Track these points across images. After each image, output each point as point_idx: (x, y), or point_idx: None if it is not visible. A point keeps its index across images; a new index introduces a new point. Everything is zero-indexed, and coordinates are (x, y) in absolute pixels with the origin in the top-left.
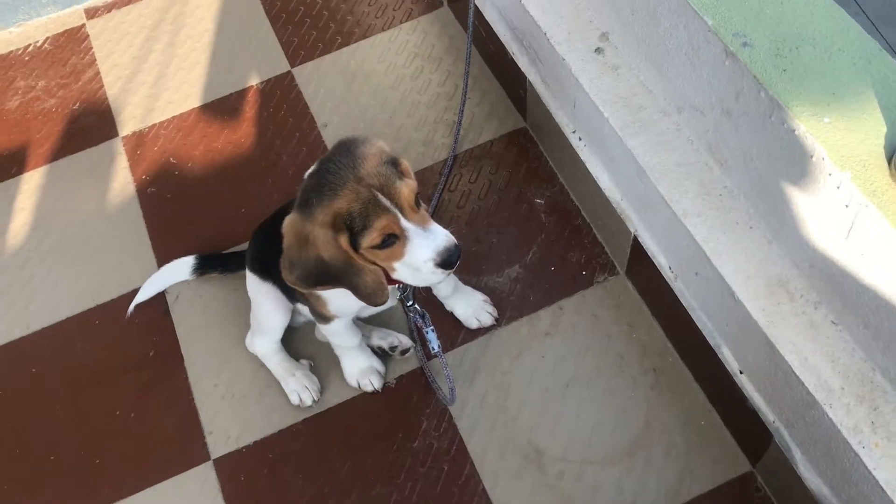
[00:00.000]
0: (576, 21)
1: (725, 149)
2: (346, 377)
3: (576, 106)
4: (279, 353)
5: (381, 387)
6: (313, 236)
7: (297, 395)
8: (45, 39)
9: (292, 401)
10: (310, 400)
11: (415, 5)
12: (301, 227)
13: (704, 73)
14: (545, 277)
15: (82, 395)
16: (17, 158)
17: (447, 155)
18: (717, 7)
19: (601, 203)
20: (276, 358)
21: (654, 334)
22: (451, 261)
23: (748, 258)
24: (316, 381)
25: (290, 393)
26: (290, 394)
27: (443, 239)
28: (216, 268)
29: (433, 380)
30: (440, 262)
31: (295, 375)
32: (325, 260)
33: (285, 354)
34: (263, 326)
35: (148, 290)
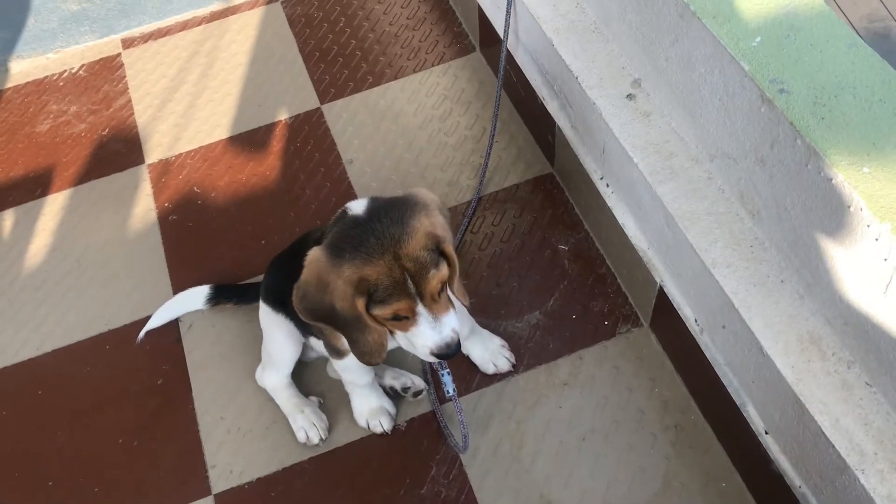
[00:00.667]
0: (608, 67)
1: (758, 199)
2: (356, 416)
3: (605, 151)
4: (289, 389)
5: (391, 429)
6: (334, 286)
7: (304, 433)
8: (81, 66)
9: (299, 438)
10: (317, 438)
11: (447, 49)
12: (325, 272)
13: (739, 120)
14: (566, 325)
15: (86, 420)
16: (43, 180)
17: (471, 196)
18: (755, 53)
19: (627, 252)
20: (285, 393)
21: (677, 390)
22: (446, 355)
23: (779, 313)
24: (324, 419)
25: (297, 430)
26: (297, 430)
27: (447, 334)
28: (231, 298)
29: (445, 425)
30: (437, 354)
31: (304, 412)
32: (337, 309)
33: (295, 390)
34: (274, 359)
35: (160, 317)
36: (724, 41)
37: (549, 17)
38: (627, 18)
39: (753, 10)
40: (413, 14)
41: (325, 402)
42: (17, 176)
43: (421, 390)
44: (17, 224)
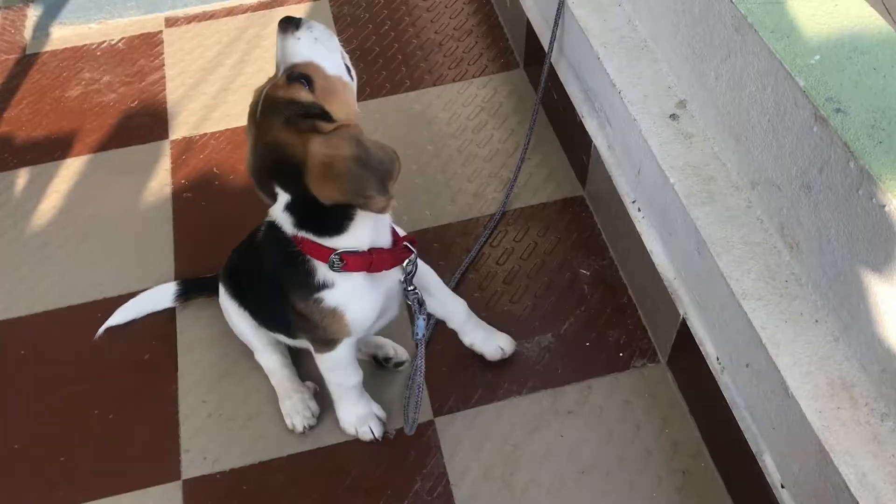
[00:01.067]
0: (654, 85)
1: (799, 229)
2: (343, 425)
3: (640, 172)
4: (285, 369)
5: (382, 435)
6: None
7: (290, 419)
8: (121, 39)
9: (286, 423)
10: (300, 426)
11: (490, 63)
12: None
13: (787, 142)
14: (578, 352)
15: (65, 387)
16: (64, 144)
17: (496, 209)
18: (812, 70)
19: (652, 281)
20: (280, 373)
21: (689, 433)
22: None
23: (809, 354)
24: (314, 408)
25: (284, 414)
26: (284, 415)
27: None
28: (202, 291)
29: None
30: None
31: (292, 397)
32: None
33: (290, 372)
34: (244, 339)
35: (123, 314)
36: (780, 56)
37: (598, 31)
38: (680, 34)
39: (814, 28)
40: (460, 25)
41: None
42: (38, 136)
43: (402, 361)
44: (30, 183)
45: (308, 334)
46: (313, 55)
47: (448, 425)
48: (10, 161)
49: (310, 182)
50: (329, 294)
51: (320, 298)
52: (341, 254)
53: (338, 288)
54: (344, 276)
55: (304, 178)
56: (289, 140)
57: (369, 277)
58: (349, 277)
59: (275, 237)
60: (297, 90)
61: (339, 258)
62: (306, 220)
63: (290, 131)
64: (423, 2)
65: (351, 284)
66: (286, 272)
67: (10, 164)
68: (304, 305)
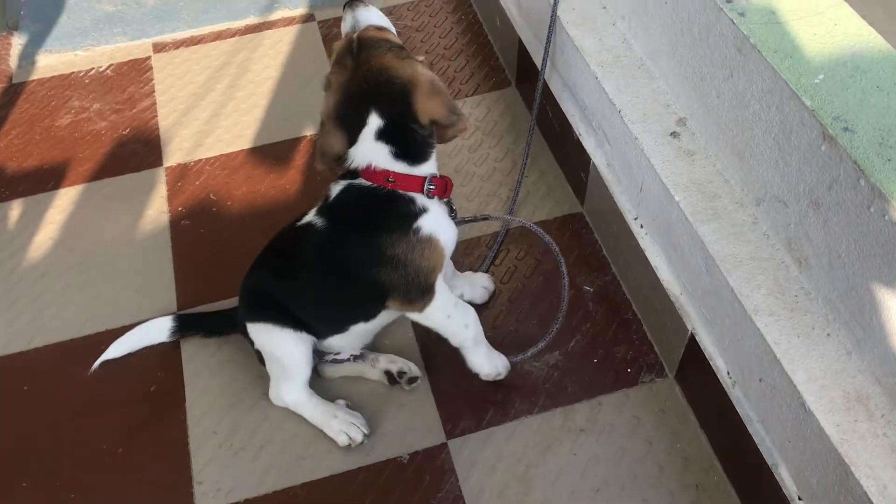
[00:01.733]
0: (652, 103)
1: (808, 245)
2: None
3: (642, 189)
4: (313, 398)
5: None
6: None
7: (345, 436)
8: (109, 66)
9: (341, 442)
10: (360, 436)
11: (482, 82)
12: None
13: (794, 160)
14: (586, 369)
15: (71, 421)
16: (57, 173)
17: (497, 229)
18: (817, 90)
19: (657, 297)
20: (311, 403)
21: (700, 447)
22: None
23: (824, 367)
24: (359, 416)
25: (336, 435)
26: (336, 436)
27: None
28: (199, 329)
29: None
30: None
31: (337, 416)
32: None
33: (319, 398)
34: (287, 368)
35: (118, 348)
36: (785, 75)
37: (594, 51)
38: (678, 53)
39: (816, 48)
40: (451, 45)
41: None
42: (30, 167)
43: (416, 377)
44: (24, 214)
45: (403, 290)
46: (383, 21)
47: (461, 447)
48: (2, 193)
49: (418, 98)
50: (425, 221)
51: (419, 227)
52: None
53: (430, 213)
54: (432, 201)
55: (410, 96)
56: (396, 64)
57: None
58: (434, 203)
59: (352, 198)
60: (386, 33)
61: (431, 182)
62: (402, 150)
63: (395, 57)
64: (413, 22)
65: (436, 209)
66: (383, 218)
67: (3, 195)
68: (405, 244)
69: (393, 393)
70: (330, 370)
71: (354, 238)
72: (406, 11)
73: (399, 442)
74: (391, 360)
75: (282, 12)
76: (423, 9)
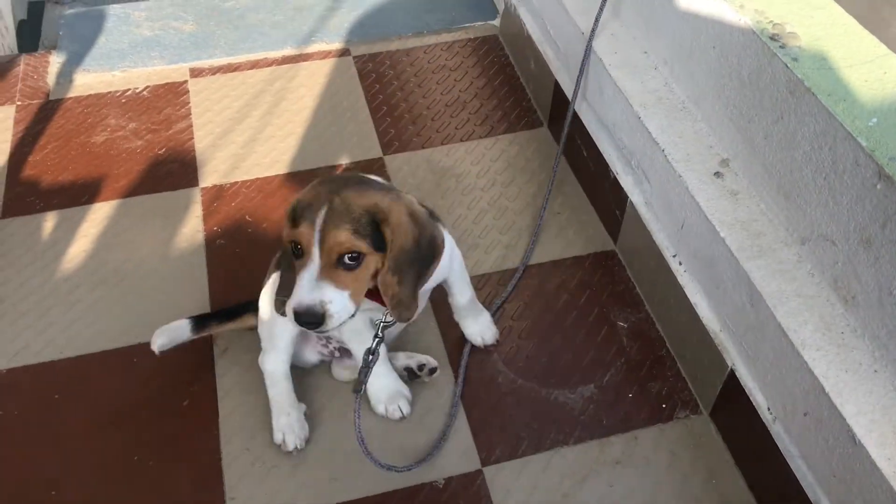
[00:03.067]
0: (695, 144)
1: (856, 283)
2: (373, 403)
3: (683, 227)
4: (285, 381)
5: (409, 413)
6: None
7: (281, 435)
8: (146, 87)
9: (275, 439)
10: (292, 445)
11: (515, 121)
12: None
13: (845, 200)
14: (621, 403)
15: (102, 433)
16: (91, 189)
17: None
18: (871, 132)
19: (695, 333)
20: (280, 385)
21: (736, 484)
22: (298, 319)
23: (873, 402)
24: (306, 429)
25: (275, 430)
26: (275, 431)
27: (313, 300)
28: (215, 320)
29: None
30: (294, 311)
31: (290, 415)
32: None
33: (290, 386)
34: (275, 339)
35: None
36: (840, 118)
37: (636, 92)
38: (724, 96)
39: (868, 93)
40: (483, 85)
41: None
42: (65, 181)
43: (435, 368)
44: (58, 227)
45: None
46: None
47: (496, 475)
48: (36, 204)
49: None
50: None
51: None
52: None
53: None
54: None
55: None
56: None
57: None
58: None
59: None
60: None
61: None
62: None
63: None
64: (447, 62)
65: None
66: None
67: (37, 207)
68: None
69: (428, 418)
70: (344, 373)
71: None
72: (440, 52)
73: (433, 466)
74: (409, 356)
75: (318, 45)
76: (457, 49)
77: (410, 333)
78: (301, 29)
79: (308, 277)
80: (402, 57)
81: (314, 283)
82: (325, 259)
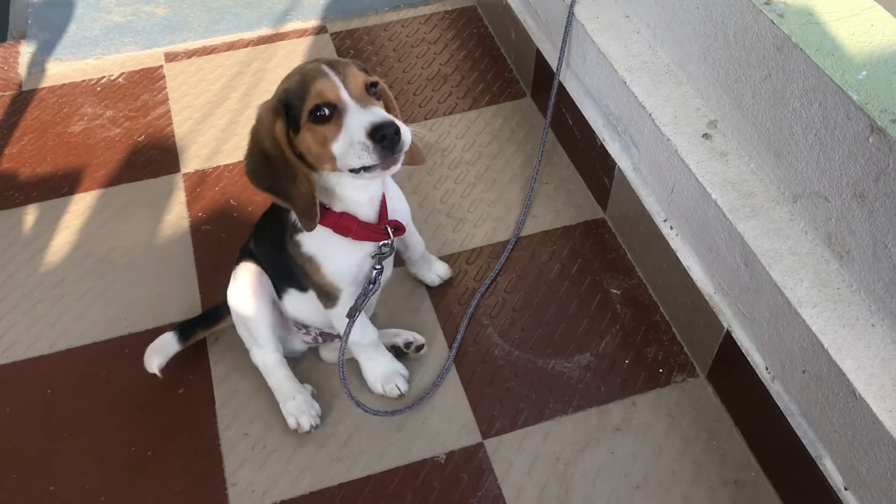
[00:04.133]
0: (682, 107)
1: (850, 238)
2: (370, 384)
3: (673, 191)
4: (282, 369)
5: (407, 390)
6: (258, 124)
7: (294, 419)
8: (121, 74)
9: (289, 424)
10: (307, 425)
11: (498, 93)
12: (259, 112)
13: (837, 155)
14: (618, 370)
15: (97, 425)
16: (71, 179)
17: (505, 238)
18: (862, 85)
19: (688, 297)
20: (278, 373)
21: (736, 444)
22: (385, 133)
23: (871, 356)
24: (317, 407)
25: (287, 415)
26: (287, 416)
27: (382, 115)
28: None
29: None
30: (375, 133)
31: (296, 398)
32: (269, 155)
33: (289, 372)
34: (253, 330)
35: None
36: (830, 72)
37: (620, 57)
38: (710, 57)
39: (856, 47)
40: (464, 57)
41: (350, 424)
42: (43, 172)
43: (422, 345)
44: (39, 220)
45: (309, 284)
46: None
47: (497, 447)
48: (15, 198)
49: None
50: (304, 239)
51: (299, 242)
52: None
53: (315, 236)
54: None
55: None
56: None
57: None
58: (322, 231)
59: None
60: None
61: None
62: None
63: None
64: (427, 35)
65: (321, 235)
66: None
67: (16, 200)
68: (291, 247)
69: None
70: (331, 355)
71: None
72: (419, 25)
73: (434, 442)
74: (395, 333)
75: (294, 24)
76: (435, 22)
77: (404, 313)
78: (276, 8)
79: (356, 108)
80: (380, 32)
81: (366, 110)
82: (358, 94)
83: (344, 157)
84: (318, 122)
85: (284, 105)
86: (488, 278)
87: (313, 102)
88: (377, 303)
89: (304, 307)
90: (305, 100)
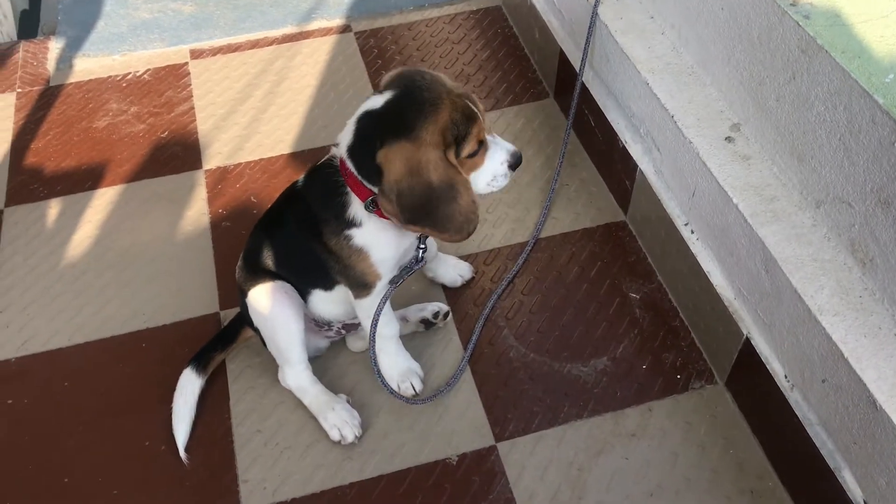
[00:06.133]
0: (705, 109)
1: (874, 245)
2: (387, 379)
3: (695, 194)
4: (315, 385)
5: (422, 390)
6: (426, 160)
7: (337, 431)
8: (146, 71)
9: (332, 437)
10: (351, 436)
11: (521, 93)
12: (411, 153)
13: (861, 160)
14: (635, 375)
15: (113, 419)
16: (95, 174)
17: (523, 239)
18: (889, 88)
19: (708, 302)
20: (312, 391)
21: (753, 453)
22: (519, 161)
23: (893, 367)
24: (357, 416)
25: (329, 429)
26: (329, 430)
27: (509, 144)
28: (215, 349)
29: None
30: (512, 162)
31: (334, 409)
32: (434, 186)
33: (322, 387)
34: (283, 347)
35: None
36: (855, 75)
37: (644, 58)
38: (734, 58)
39: (883, 49)
40: (487, 57)
41: (365, 421)
42: (68, 167)
43: (448, 311)
44: (62, 213)
45: (343, 276)
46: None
47: (510, 450)
48: (40, 192)
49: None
50: (358, 232)
51: (350, 236)
52: (377, 198)
53: (365, 228)
54: (373, 218)
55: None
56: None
57: (394, 227)
58: (376, 220)
59: (320, 174)
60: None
61: (374, 202)
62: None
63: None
64: (451, 34)
65: (377, 226)
66: (325, 203)
67: (41, 194)
68: (336, 242)
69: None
70: (358, 344)
71: (309, 210)
72: (443, 25)
73: (447, 443)
74: (420, 308)
75: (319, 22)
76: (460, 22)
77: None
78: (301, 6)
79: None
80: (405, 31)
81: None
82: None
83: (487, 184)
84: (469, 157)
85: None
86: (505, 280)
87: (475, 142)
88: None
89: (330, 305)
90: (467, 140)
